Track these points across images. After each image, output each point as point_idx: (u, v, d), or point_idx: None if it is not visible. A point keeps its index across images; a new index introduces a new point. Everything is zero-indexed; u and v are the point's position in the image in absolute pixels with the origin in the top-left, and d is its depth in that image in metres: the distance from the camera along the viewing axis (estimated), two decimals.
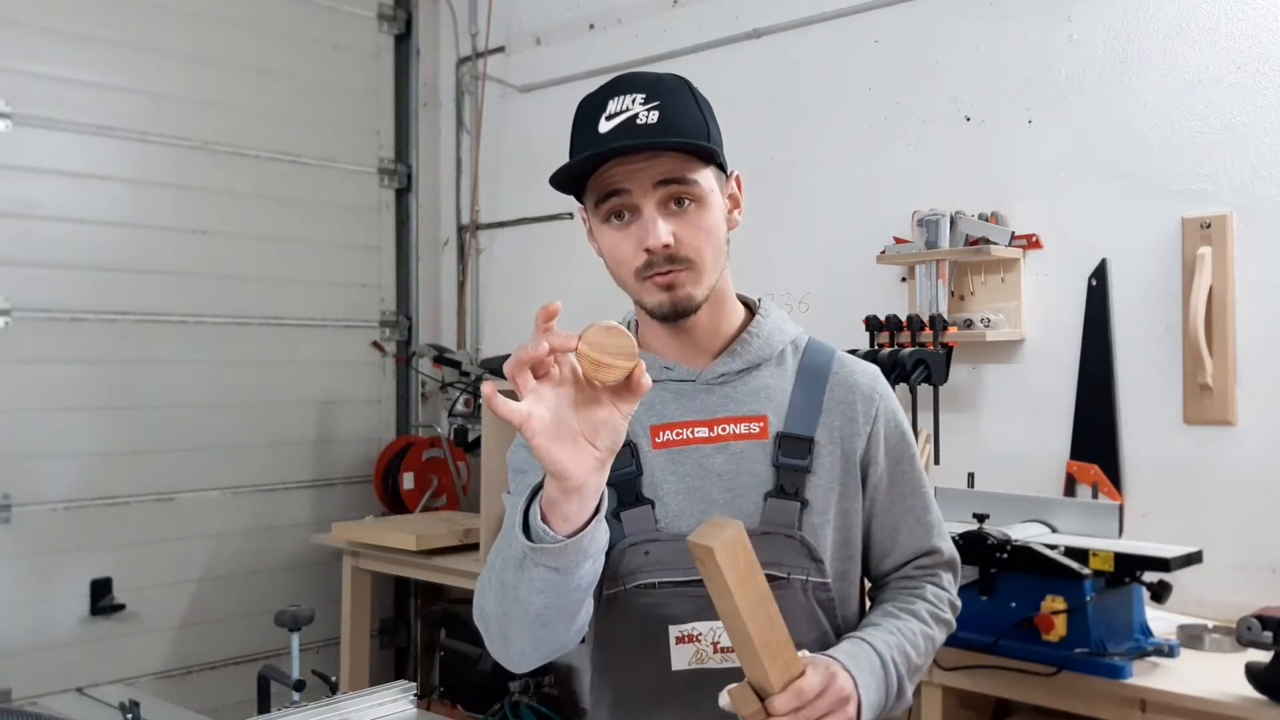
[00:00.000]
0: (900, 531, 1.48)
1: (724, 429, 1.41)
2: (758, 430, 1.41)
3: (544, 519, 1.15)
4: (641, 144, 1.31)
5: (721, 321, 1.45)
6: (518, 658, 1.31)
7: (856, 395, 1.45)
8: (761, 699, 1.17)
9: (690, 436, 1.41)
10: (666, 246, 1.32)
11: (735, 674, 1.33)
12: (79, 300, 3.36)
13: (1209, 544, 2.13)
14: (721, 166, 1.40)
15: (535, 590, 1.19)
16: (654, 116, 1.32)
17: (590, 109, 1.37)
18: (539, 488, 1.18)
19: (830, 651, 1.29)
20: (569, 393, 1.11)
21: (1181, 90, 2.54)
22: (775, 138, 3.22)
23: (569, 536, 1.14)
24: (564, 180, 1.37)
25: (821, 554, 1.39)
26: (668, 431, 1.42)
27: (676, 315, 1.37)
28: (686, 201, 1.34)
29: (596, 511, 1.17)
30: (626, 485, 1.41)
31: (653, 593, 1.39)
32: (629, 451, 1.41)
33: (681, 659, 1.38)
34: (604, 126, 1.33)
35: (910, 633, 1.40)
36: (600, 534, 1.19)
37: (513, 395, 1.10)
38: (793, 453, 1.40)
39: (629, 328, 1.53)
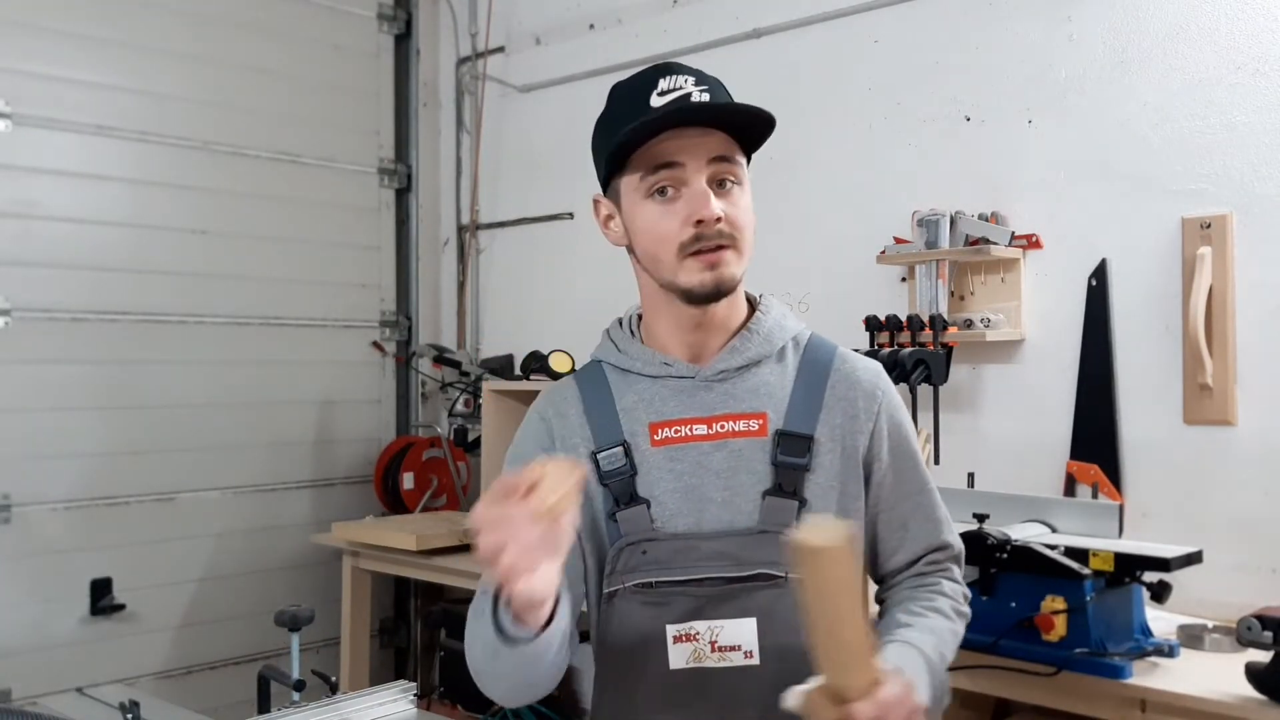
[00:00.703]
0: (910, 528, 1.48)
1: (723, 426, 1.41)
2: (757, 428, 1.40)
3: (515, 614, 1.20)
4: (720, 105, 1.35)
5: (733, 314, 1.45)
6: (511, 702, 1.41)
7: (858, 392, 1.44)
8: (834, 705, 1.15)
9: (689, 434, 1.41)
10: (719, 220, 1.33)
11: (732, 673, 1.33)
12: (79, 300, 3.36)
13: (1209, 544, 2.13)
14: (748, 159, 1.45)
15: (514, 667, 1.26)
16: (706, 97, 1.36)
17: (637, 88, 1.38)
18: None
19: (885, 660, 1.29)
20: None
21: (1181, 90, 2.53)
22: (775, 138, 3.19)
23: (541, 628, 1.20)
24: (613, 151, 1.37)
25: None
26: (666, 429, 1.42)
27: (718, 294, 1.38)
28: (730, 183, 1.36)
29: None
30: (621, 485, 1.41)
31: (650, 592, 1.39)
32: (623, 451, 1.41)
33: (679, 658, 1.38)
34: (657, 101, 1.35)
35: (943, 632, 1.41)
36: (563, 612, 1.25)
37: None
38: (792, 451, 1.39)
39: (630, 323, 1.53)
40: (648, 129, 1.33)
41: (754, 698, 1.37)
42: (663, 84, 1.36)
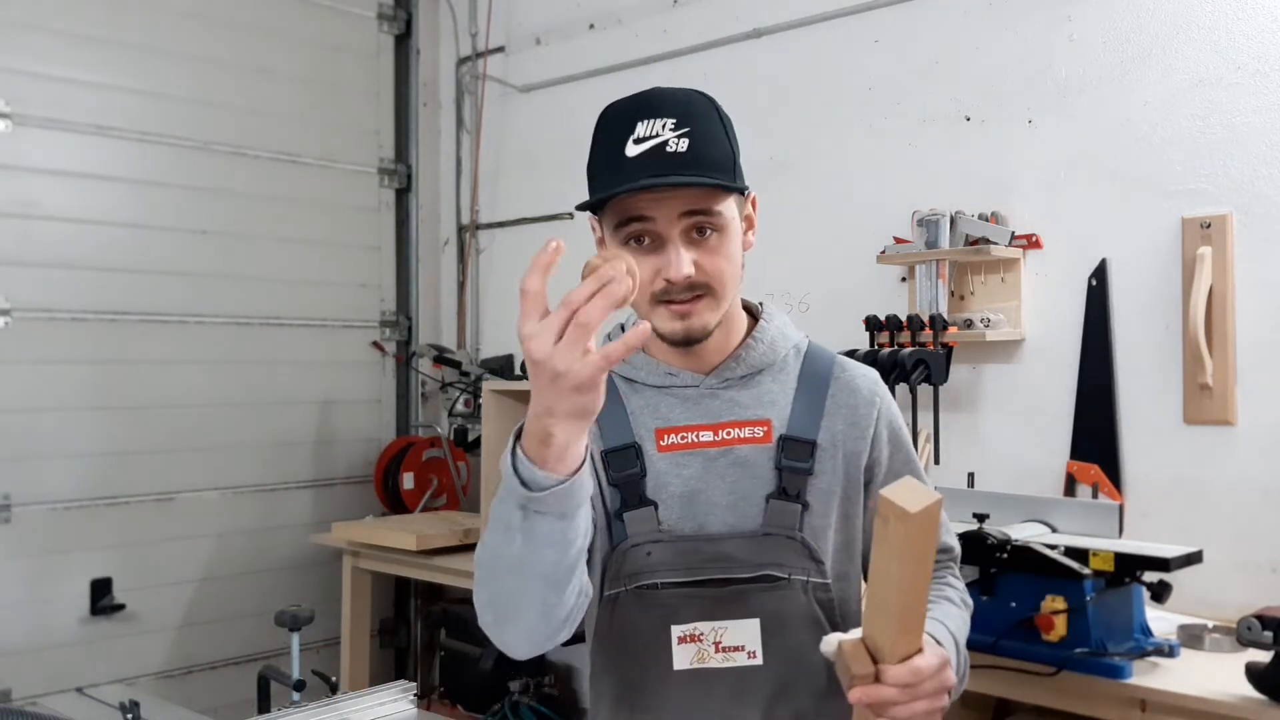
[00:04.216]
0: None
1: (728, 433, 1.42)
2: (761, 434, 1.42)
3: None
4: (673, 182, 1.30)
5: (729, 334, 1.46)
6: (526, 635, 1.26)
7: (858, 399, 1.47)
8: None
9: (695, 440, 1.43)
10: (687, 277, 1.33)
11: (736, 674, 1.33)
12: (79, 300, 3.36)
13: (1209, 544, 2.13)
14: (742, 192, 1.41)
15: (541, 544, 1.14)
16: (683, 145, 1.31)
17: (617, 126, 1.35)
18: (517, 438, 1.13)
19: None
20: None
21: (1181, 90, 2.53)
22: (775, 138, 3.22)
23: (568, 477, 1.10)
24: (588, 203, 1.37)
25: (822, 555, 1.40)
26: (672, 435, 1.43)
27: (688, 342, 1.39)
28: (709, 231, 1.35)
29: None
30: (630, 486, 1.42)
31: (655, 594, 1.40)
32: (633, 453, 1.43)
33: (683, 659, 1.39)
34: (631, 150, 1.32)
35: (959, 618, 1.42)
36: (587, 479, 1.14)
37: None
38: (795, 455, 1.41)
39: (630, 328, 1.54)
40: (610, 191, 1.32)
41: (757, 698, 1.38)
42: (640, 129, 1.32)
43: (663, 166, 1.31)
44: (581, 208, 1.40)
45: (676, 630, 1.39)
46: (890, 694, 1.16)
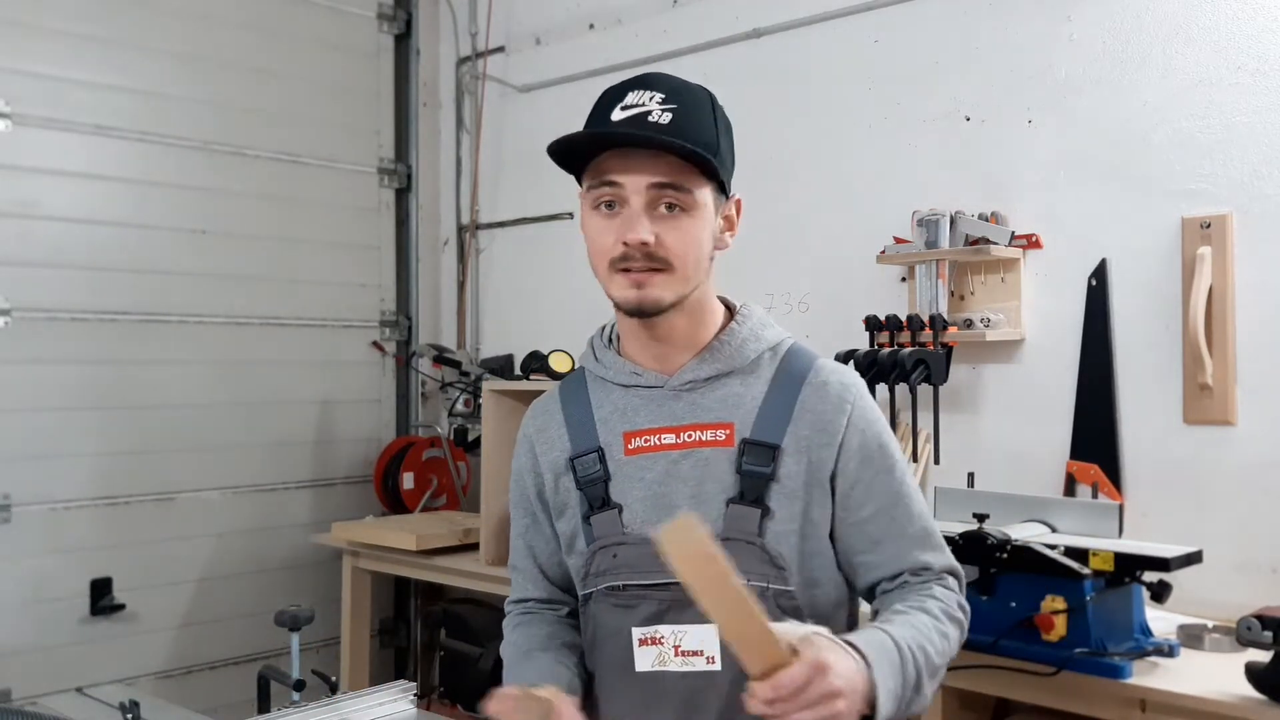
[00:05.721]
0: (883, 545, 1.44)
1: (691, 435, 1.43)
2: (724, 438, 1.42)
3: None
4: (637, 136, 1.32)
5: (699, 329, 1.46)
6: None
7: (827, 405, 1.43)
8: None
9: (658, 443, 1.43)
10: (644, 244, 1.34)
11: (694, 678, 1.35)
12: (79, 300, 3.36)
13: (1209, 544, 2.13)
14: (723, 187, 1.41)
15: None
16: (666, 118, 1.34)
17: (610, 96, 1.39)
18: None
19: (847, 637, 1.25)
20: None
21: (1181, 90, 2.53)
22: (775, 138, 3.21)
23: None
24: (564, 156, 1.39)
25: (784, 561, 1.39)
26: (638, 438, 1.44)
27: (641, 313, 1.39)
28: (676, 208, 1.35)
29: None
30: (595, 489, 1.44)
31: (619, 594, 1.42)
32: (598, 457, 1.44)
33: (645, 660, 1.40)
34: (616, 115, 1.35)
35: (924, 627, 1.35)
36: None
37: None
38: (757, 460, 1.40)
39: (609, 332, 1.55)
40: (590, 144, 1.35)
41: (714, 703, 1.38)
42: (630, 98, 1.36)
43: (639, 130, 1.33)
44: (562, 165, 1.41)
45: (638, 632, 1.40)
46: (760, 708, 1.15)
